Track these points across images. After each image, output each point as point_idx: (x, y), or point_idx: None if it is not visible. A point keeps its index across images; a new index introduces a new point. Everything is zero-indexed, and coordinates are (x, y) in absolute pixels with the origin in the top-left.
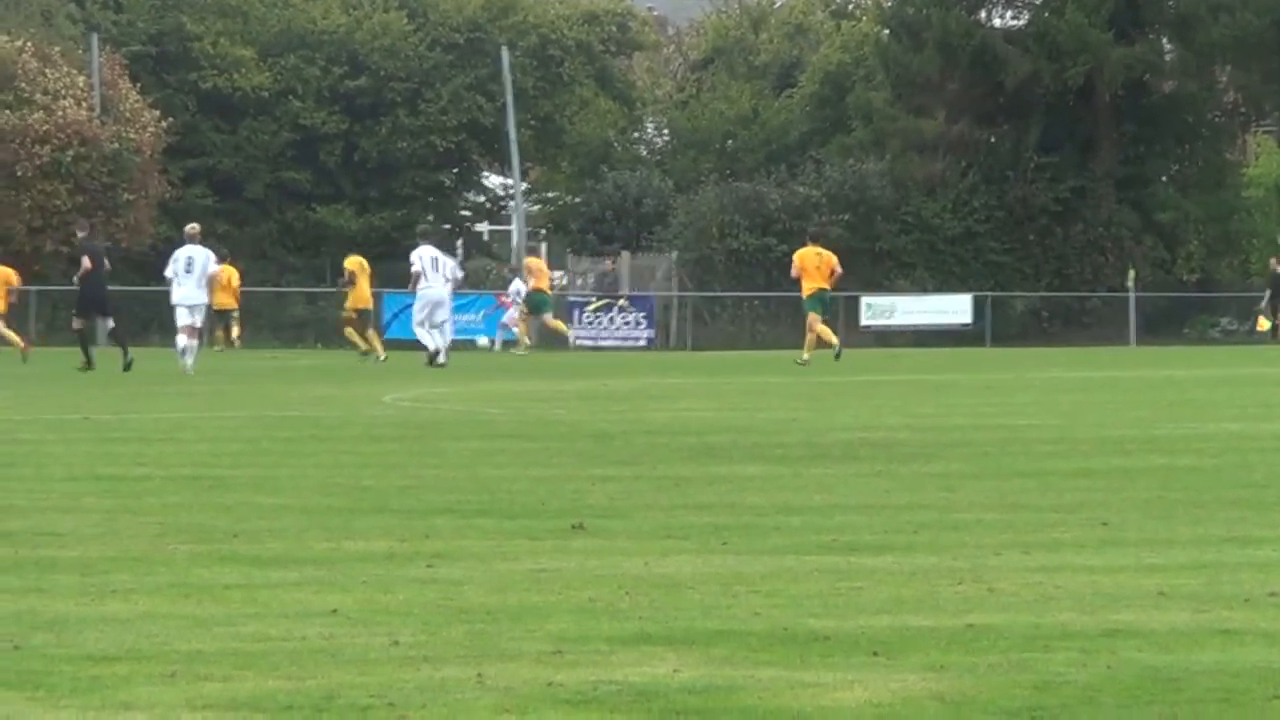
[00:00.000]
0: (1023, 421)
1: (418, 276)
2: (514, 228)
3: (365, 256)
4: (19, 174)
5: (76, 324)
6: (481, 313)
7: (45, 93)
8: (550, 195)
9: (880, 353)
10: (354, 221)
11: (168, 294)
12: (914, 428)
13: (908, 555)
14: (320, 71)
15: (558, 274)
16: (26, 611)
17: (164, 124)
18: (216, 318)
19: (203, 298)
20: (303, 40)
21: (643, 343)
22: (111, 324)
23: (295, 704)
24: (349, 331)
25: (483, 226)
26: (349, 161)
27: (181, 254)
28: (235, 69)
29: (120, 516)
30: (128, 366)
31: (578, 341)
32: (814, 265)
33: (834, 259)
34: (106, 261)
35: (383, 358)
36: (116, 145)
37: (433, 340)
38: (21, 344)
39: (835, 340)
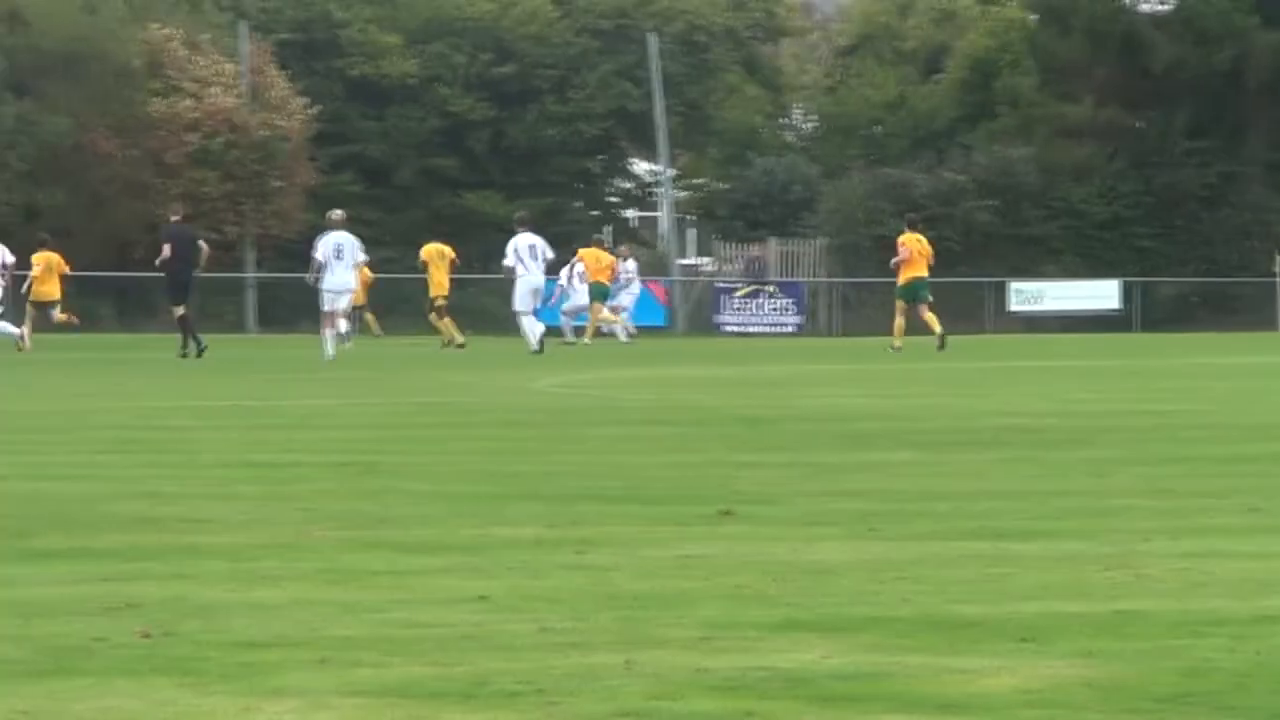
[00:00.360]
0: (1171, 407)
1: (510, 269)
2: (661, 214)
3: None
4: (169, 161)
5: (178, 311)
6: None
7: (194, 80)
8: (698, 182)
9: (1028, 338)
10: (502, 208)
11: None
12: (1062, 413)
13: (1056, 541)
14: (467, 58)
15: (705, 260)
16: (176, 598)
17: (312, 111)
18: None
19: (352, 284)
20: (450, 27)
21: (791, 329)
22: (182, 311)
23: (444, 690)
24: (431, 318)
25: (631, 213)
26: (497, 148)
27: (330, 240)
28: (383, 56)
29: (269, 503)
30: (200, 353)
31: (726, 328)
32: (917, 253)
33: (930, 249)
34: (204, 245)
35: (460, 342)
36: (265, 132)
37: (535, 330)
38: (26, 341)
39: (939, 328)
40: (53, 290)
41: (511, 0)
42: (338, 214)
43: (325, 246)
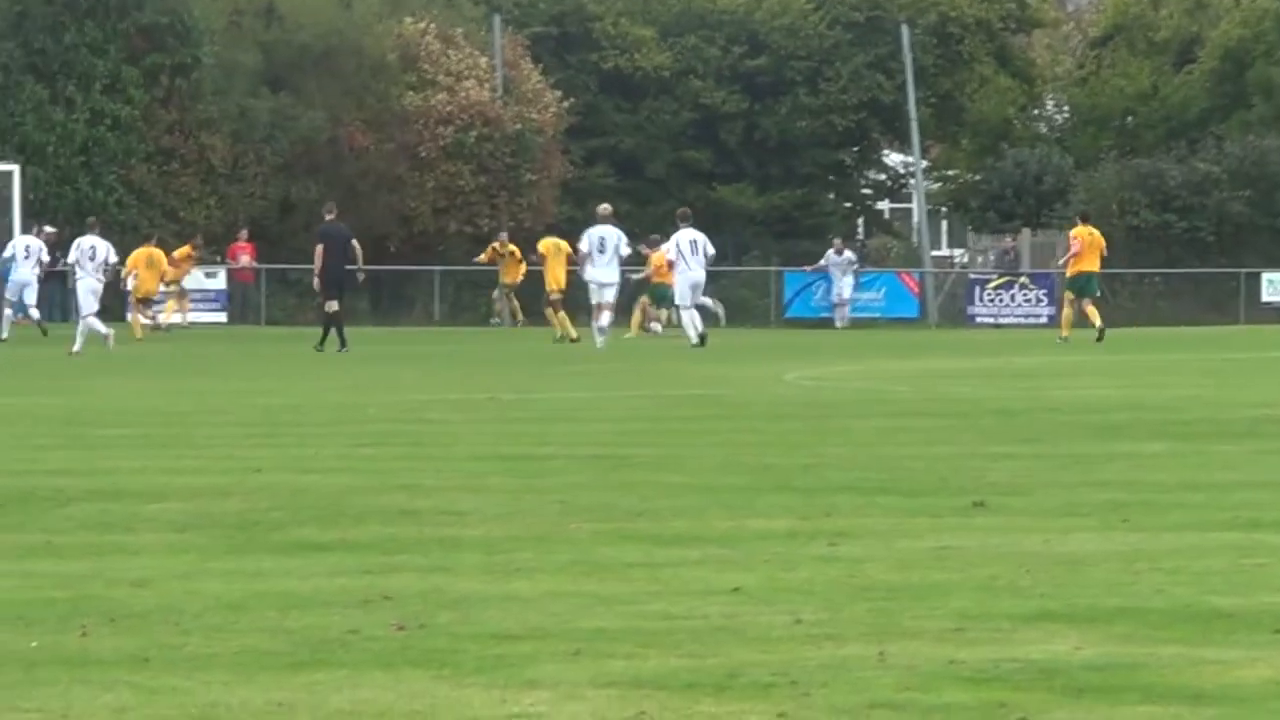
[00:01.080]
0: None
1: (671, 263)
2: (914, 206)
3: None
4: (422, 155)
5: (331, 306)
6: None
7: (448, 74)
8: (950, 173)
9: None
10: (755, 200)
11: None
12: None
13: None
14: (720, 51)
15: (957, 252)
16: (432, 590)
17: (565, 104)
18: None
19: (615, 276)
20: (703, 20)
21: (1044, 320)
22: (335, 307)
23: (697, 682)
24: (546, 312)
25: (883, 204)
26: (749, 140)
27: (595, 233)
28: (636, 49)
29: (524, 496)
30: (342, 346)
31: (978, 319)
32: (1088, 245)
33: (1103, 241)
34: (356, 244)
35: (574, 336)
36: (519, 126)
37: (696, 323)
38: (136, 331)
39: (1099, 322)
40: (151, 286)
41: None
42: (605, 208)
43: (590, 239)
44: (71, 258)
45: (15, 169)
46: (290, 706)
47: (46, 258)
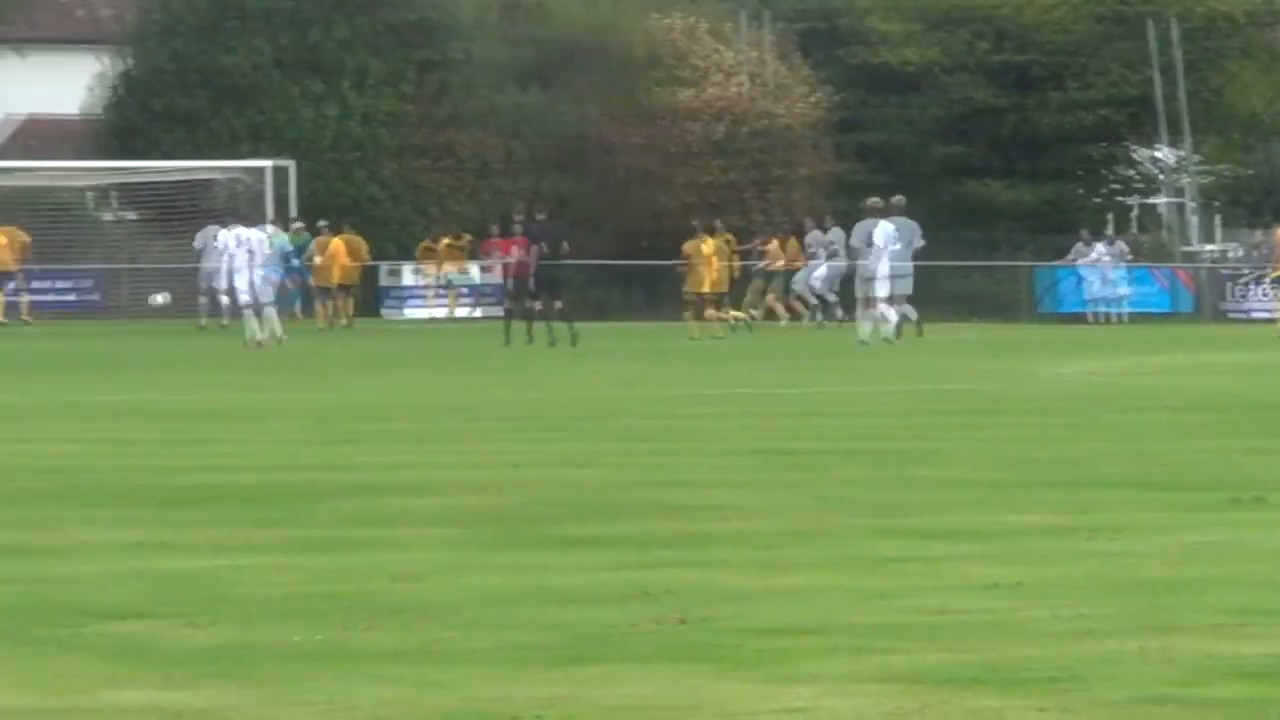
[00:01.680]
0: None
1: (857, 251)
2: (1168, 200)
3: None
4: (678, 150)
5: (535, 305)
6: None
7: (703, 69)
8: (1207, 168)
9: None
10: (1026, 194)
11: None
12: None
13: None
14: (989, 46)
15: (1213, 247)
16: (696, 586)
17: (829, 99)
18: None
19: (908, 269)
20: (969, 15)
21: None
22: (559, 304)
23: (958, 676)
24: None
25: (1138, 199)
26: (1014, 135)
27: (885, 226)
28: (901, 44)
29: (783, 491)
30: (574, 341)
31: (1230, 314)
32: None
33: None
34: (566, 245)
35: (734, 325)
36: (766, 121)
37: (890, 316)
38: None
39: None
40: (329, 277)
41: None
42: (874, 201)
43: (881, 233)
44: (228, 251)
45: (291, 164)
46: (559, 700)
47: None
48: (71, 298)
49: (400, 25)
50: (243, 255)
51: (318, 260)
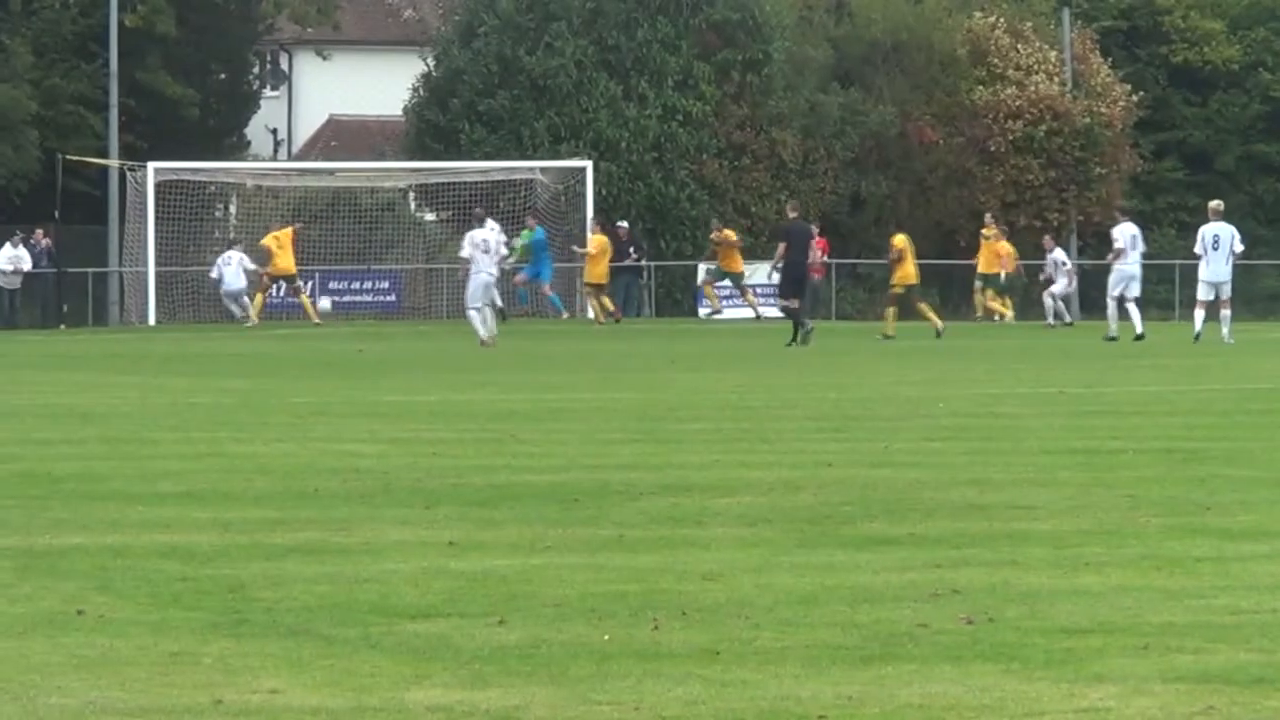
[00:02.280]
0: None
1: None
2: None
3: None
4: (992, 149)
5: (788, 304)
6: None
7: (1018, 69)
8: None
9: None
10: None
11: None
12: None
13: None
14: None
15: None
16: (1001, 584)
17: (1134, 98)
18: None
19: (1227, 274)
20: (1272, 13)
21: None
22: (796, 304)
23: (1266, 677)
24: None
25: None
26: None
27: (1208, 230)
28: (1205, 42)
29: (1093, 490)
30: (806, 341)
31: None
32: None
33: None
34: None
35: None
36: (1088, 119)
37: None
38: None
39: None
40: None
41: None
42: (1216, 205)
43: (1203, 240)
44: (465, 252)
45: (588, 165)
46: (859, 700)
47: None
48: (368, 298)
49: (724, 25)
50: (480, 255)
51: (587, 251)
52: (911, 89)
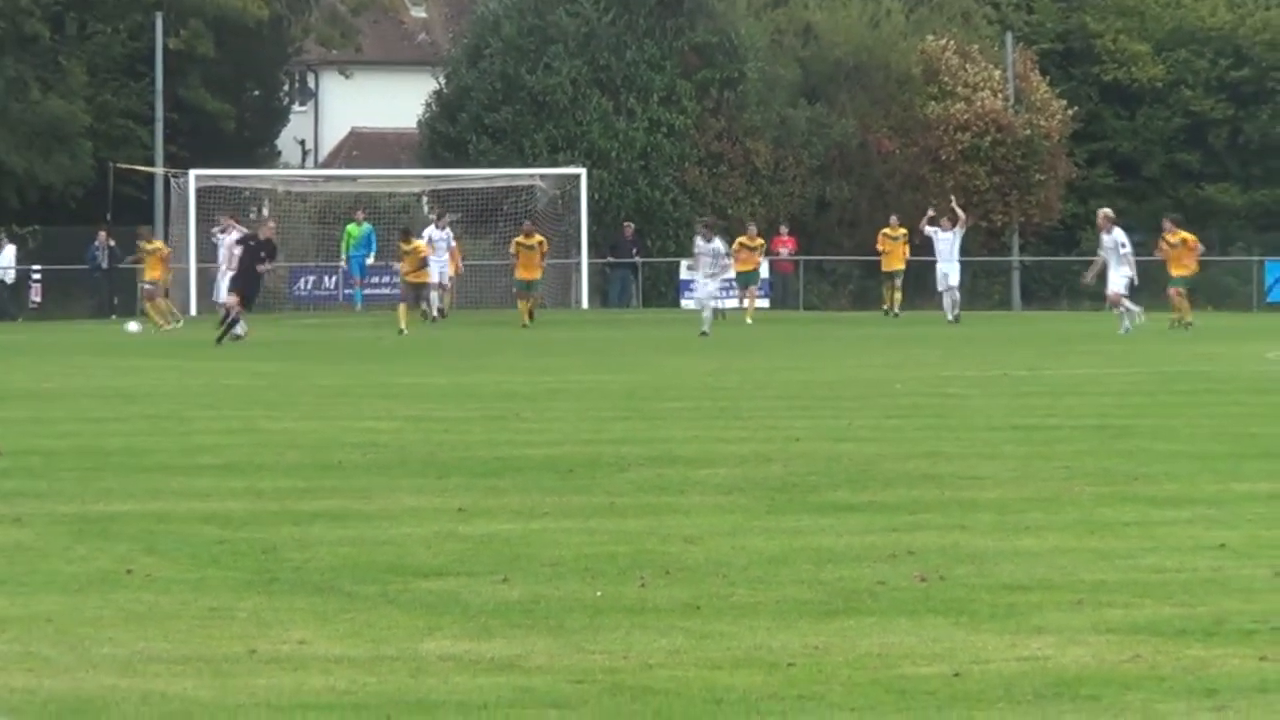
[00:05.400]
0: None
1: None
2: None
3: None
4: (943, 158)
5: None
6: None
7: (965, 86)
8: None
9: None
10: (1238, 198)
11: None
12: None
13: None
14: (1208, 64)
15: None
16: (951, 546)
17: (1070, 112)
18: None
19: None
20: (1192, 35)
21: None
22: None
23: (1187, 629)
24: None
25: None
26: (1234, 144)
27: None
28: (1133, 63)
29: (1033, 462)
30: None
31: None
32: None
33: None
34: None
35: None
36: (1028, 132)
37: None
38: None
39: None
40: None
41: (1249, 10)
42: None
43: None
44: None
45: (582, 172)
46: (825, 649)
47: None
48: (386, 292)
49: (704, 47)
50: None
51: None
52: (871, 104)
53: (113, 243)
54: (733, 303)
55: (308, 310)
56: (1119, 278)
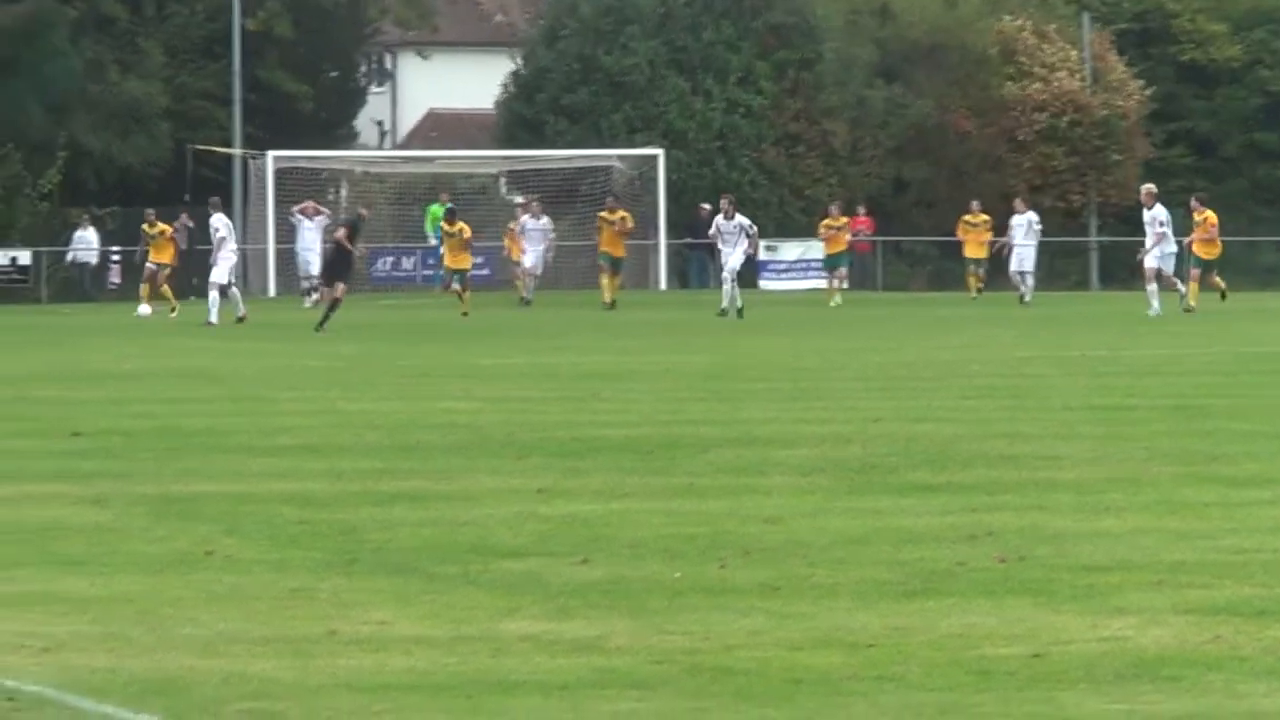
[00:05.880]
0: None
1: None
2: None
3: None
4: (1020, 138)
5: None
6: None
7: (1042, 66)
8: None
9: None
10: None
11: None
12: None
13: None
14: None
15: None
16: (1030, 527)
17: (1147, 92)
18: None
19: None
20: (1270, 15)
21: None
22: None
23: (1268, 609)
24: None
25: None
26: None
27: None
28: (1210, 43)
29: (1112, 442)
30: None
31: None
32: None
33: None
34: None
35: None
36: (1105, 112)
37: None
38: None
39: None
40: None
41: None
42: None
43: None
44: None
45: (660, 153)
46: (905, 630)
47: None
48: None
49: (781, 28)
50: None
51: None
52: (948, 84)
53: (191, 224)
54: (818, 284)
55: (385, 291)
56: (1156, 255)
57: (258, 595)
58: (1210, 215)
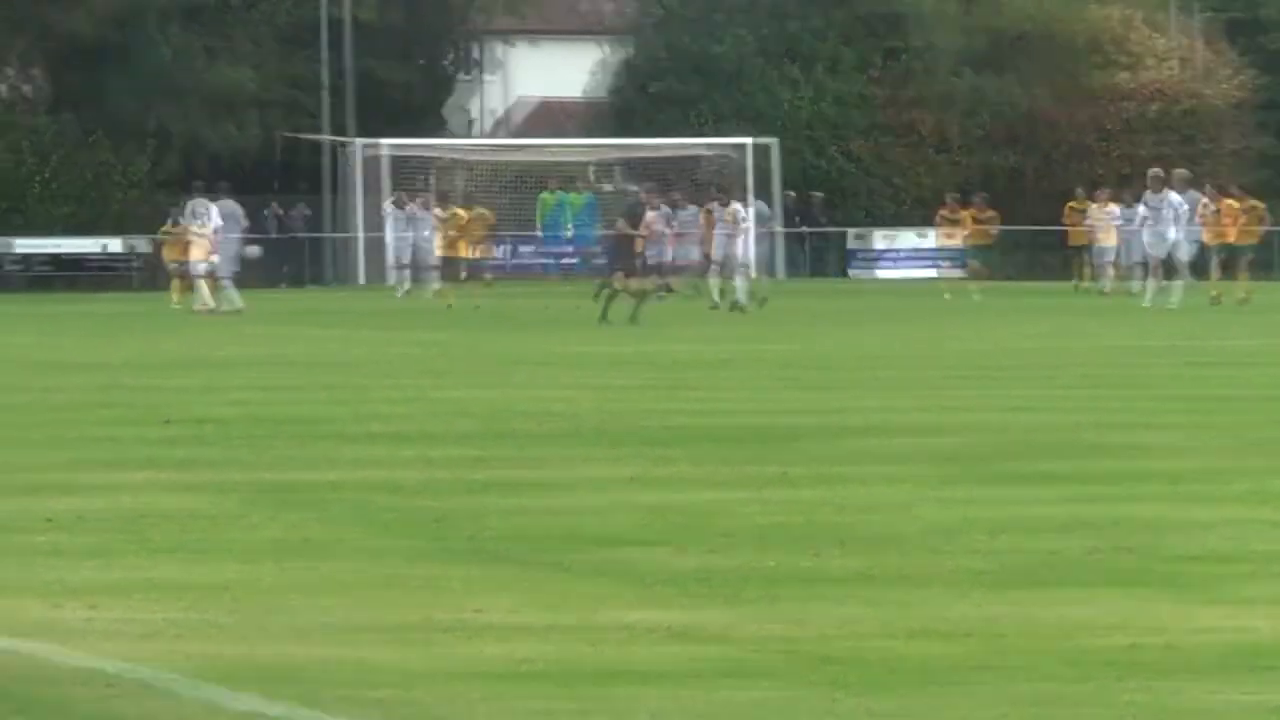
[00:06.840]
0: None
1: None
2: None
3: None
4: (1109, 127)
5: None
6: None
7: (1130, 55)
8: None
9: None
10: None
11: None
12: None
13: None
14: None
15: None
16: (1123, 517)
17: (1236, 81)
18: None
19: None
20: None
21: None
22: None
23: None
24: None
25: None
26: None
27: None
28: None
29: (1203, 432)
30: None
31: None
32: None
33: None
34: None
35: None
36: (1195, 101)
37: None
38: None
39: None
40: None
41: None
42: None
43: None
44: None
45: (749, 142)
46: (1000, 620)
47: None
48: (552, 261)
49: (868, 16)
50: None
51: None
52: (1037, 73)
53: (281, 211)
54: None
55: (479, 279)
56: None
57: (351, 583)
58: (1230, 203)
